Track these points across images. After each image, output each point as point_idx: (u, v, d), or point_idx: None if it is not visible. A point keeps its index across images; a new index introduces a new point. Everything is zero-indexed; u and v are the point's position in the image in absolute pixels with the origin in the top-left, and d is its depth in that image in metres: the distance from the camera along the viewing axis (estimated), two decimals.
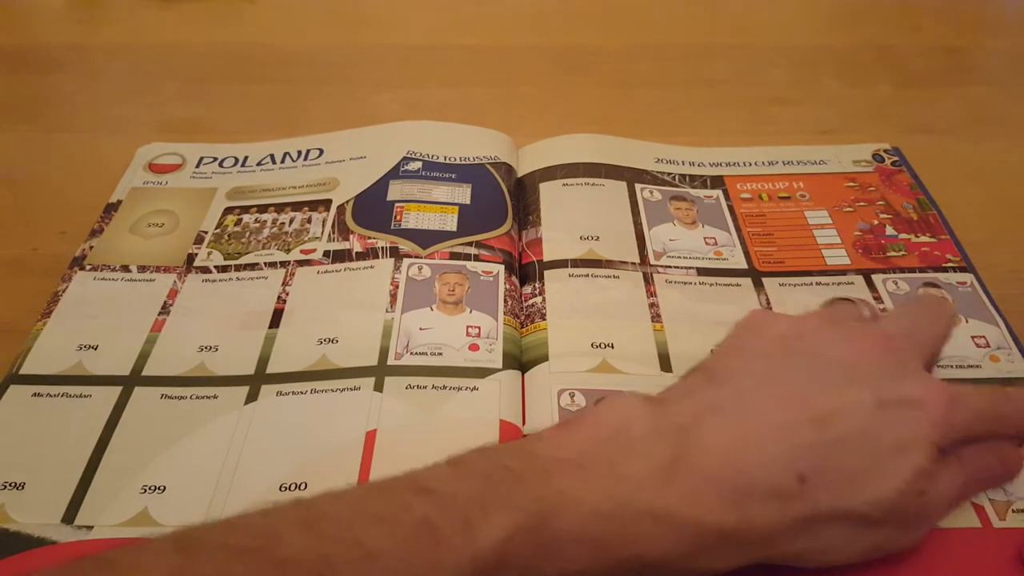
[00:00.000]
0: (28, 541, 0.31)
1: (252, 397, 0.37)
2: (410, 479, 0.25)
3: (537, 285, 0.43)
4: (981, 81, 0.64)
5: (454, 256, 0.44)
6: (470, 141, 0.52)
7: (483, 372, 0.38)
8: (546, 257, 0.44)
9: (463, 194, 0.48)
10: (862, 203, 0.48)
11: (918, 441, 0.28)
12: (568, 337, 0.40)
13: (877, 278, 0.43)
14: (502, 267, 0.43)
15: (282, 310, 0.41)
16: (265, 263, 0.44)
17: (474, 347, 0.39)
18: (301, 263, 0.44)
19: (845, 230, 0.46)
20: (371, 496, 0.25)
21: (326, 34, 0.70)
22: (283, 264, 0.44)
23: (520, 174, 0.51)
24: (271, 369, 0.38)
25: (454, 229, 0.45)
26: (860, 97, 0.61)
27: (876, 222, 0.47)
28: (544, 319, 0.41)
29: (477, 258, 0.44)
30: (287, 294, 0.42)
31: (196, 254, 0.45)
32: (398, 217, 0.46)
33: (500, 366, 0.38)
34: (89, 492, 0.33)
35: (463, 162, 0.51)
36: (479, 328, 0.40)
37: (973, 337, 0.39)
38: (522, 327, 0.41)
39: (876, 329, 0.32)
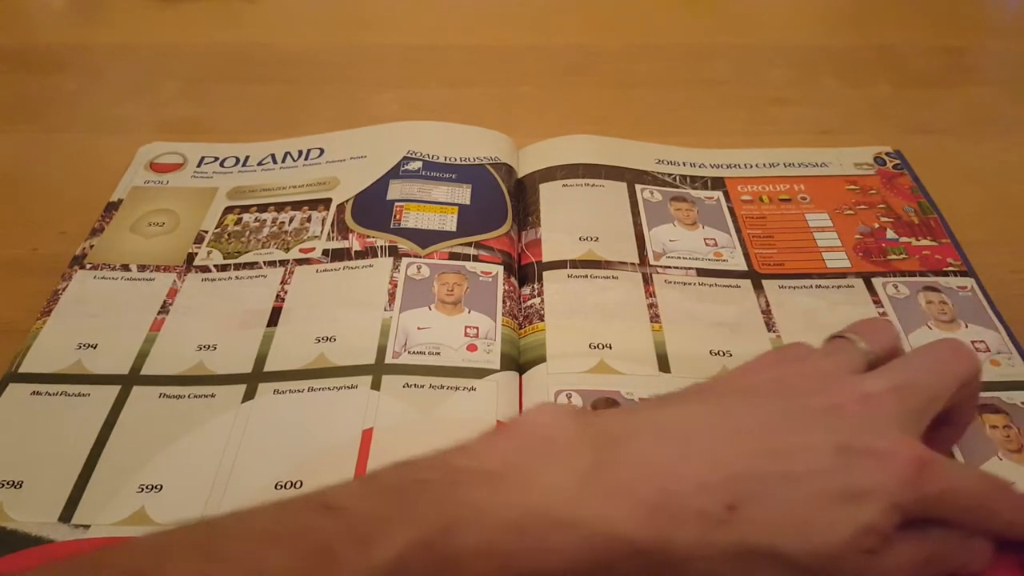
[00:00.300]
0: (25, 540, 0.31)
1: (249, 396, 0.37)
2: (317, 497, 0.24)
3: (536, 286, 0.43)
4: (981, 81, 0.64)
5: (453, 256, 0.44)
6: (470, 141, 0.52)
7: (481, 372, 0.38)
8: (545, 258, 0.44)
9: (463, 194, 0.48)
10: (863, 206, 0.48)
11: (875, 495, 0.25)
12: (566, 338, 0.40)
13: (877, 282, 0.43)
14: (501, 268, 0.43)
15: (280, 308, 0.41)
16: (264, 262, 0.44)
17: (472, 347, 0.39)
18: (300, 262, 0.44)
19: (846, 233, 0.46)
20: (274, 515, 0.24)
21: (326, 34, 0.70)
22: (282, 263, 0.44)
23: (520, 175, 0.51)
24: (269, 367, 0.38)
25: (453, 229, 0.45)
26: (860, 97, 0.60)
27: (877, 225, 0.47)
28: (542, 320, 0.41)
29: (476, 258, 0.44)
30: (285, 292, 0.42)
31: (196, 253, 0.45)
32: (398, 216, 0.46)
33: (498, 367, 0.38)
34: (87, 491, 0.33)
35: (463, 162, 0.51)
36: (477, 328, 0.40)
37: (973, 342, 0.39)
38: (520, 328, 0.41)
39: (859, 385, 0.29)
